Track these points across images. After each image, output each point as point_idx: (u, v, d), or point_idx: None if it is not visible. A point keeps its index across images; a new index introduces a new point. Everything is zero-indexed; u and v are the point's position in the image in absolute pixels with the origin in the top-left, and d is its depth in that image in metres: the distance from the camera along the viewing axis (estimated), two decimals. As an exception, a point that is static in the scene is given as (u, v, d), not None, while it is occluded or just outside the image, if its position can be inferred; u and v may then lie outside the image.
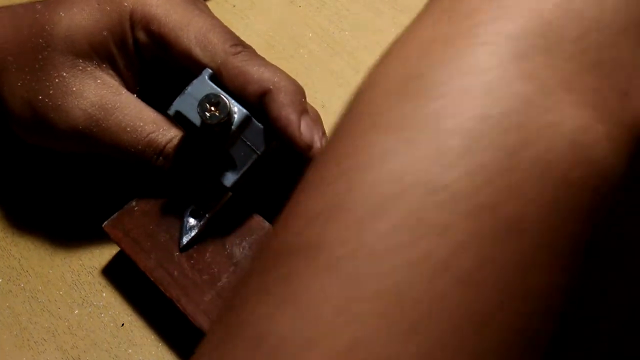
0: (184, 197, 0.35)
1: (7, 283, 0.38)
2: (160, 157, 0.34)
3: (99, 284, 0.37)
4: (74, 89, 0.33)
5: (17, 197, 0.41)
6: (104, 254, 0.38)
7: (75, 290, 0.37)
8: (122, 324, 0.35)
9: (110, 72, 0.34)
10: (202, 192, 0.34)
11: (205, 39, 0.32)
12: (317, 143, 0.31)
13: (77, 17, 0.33)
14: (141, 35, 0.33)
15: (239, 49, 0.32)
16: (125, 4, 0.33)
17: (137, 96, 0.35)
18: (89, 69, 0.33)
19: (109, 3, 0.33)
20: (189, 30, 0.33)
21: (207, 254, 0.33)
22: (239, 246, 0.33)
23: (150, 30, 0.33)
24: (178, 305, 0.32)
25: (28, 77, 0.33)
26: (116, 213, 0.35)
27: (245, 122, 0.31)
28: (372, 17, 0.50)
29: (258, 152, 0.32)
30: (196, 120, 0.31)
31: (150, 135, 0.33)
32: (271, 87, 0.31)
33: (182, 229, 0.34)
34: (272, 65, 0.32)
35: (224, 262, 0.33)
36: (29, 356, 0.35)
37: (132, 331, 0.35)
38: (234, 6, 0.53)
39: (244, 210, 0.35)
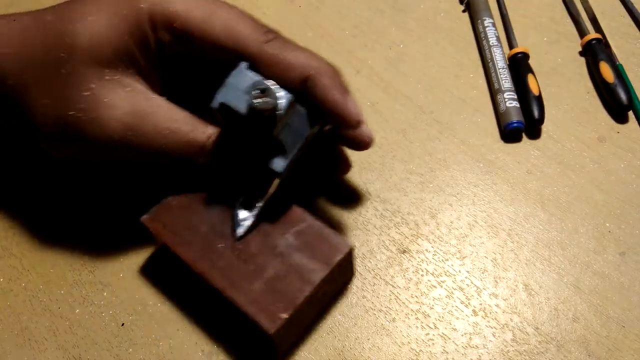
0: (228, 189, 0.35)
1: (8, 282, 0.38)
2: (204, 154, 0.33)
3: (99, 283, 0.37)
4: (105, 100, 0.32)
5: (18, 196, 0.41)
6: (104, 253, 0.38)
7: (76, 290, 0.37)
8: (122, 324, 0.35)
9: (137, 77, 0.33)
10: (250, 182, 0.34)
11: (234, 30, 0.32)
12: (363, 117, 0.33)
13: (95, 25, 0.32)
14: (164, 35, 0.33)
15: (271, 36, 0.32)
16: (142, 5, 0.32)
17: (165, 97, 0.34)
18: (116, 77, 0.32)
19: (125, 7, 0.32)
20: (214, 23, 0.32)
21: (252, 245, 0.33)
22: (283, 237, 0.33)
23: (173, 28, 0.32)
24: (225, 295, 0.31)
25: (54, 94, 0.32)
26: (153, 208, 0.35)
27: (291, 106, 0.31)
28: (373, 16, 0.50)
29: (304, 135, 0.33)
30: (242, 109, 0.31)
31: (190, 134, 0.33)
32: (312, 72, 0.31)
33: (234, 221, 0.33)
34: (305, 50, 0.33)
35: (269, 253, 0.33)
36: (30, 355, 0.35)
37: (132, 330, 0.35)
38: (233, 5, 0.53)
39: (284, 200, 0.35)
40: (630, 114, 0.43)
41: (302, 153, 0.33)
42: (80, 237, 0.39)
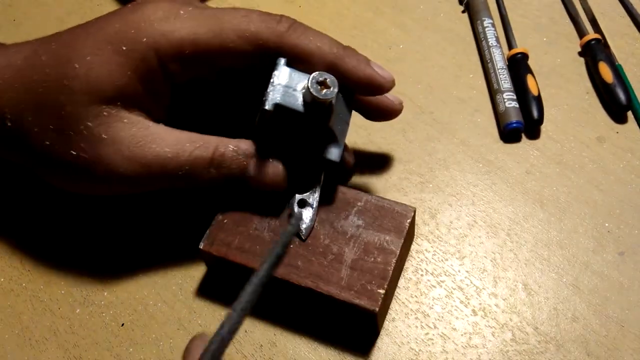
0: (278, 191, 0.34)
1: (9, 282, 0.38)
2: (212, 169, 0.33)
3: (100, 283, 0.37)
4: (105, 137, 0.31)
5: (18, 196, 0.41)
6: (104, 253, 0.38)
7: (77, 290, 0.37)
8: (123, 324, 0.36)
9: (134, 108, 0.33)
10: (302, 177, 0.34)
11: (248, 32, 0.32)
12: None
13: (94, 66, 0.31)
14: (174, 67, 0.32)
15: (286, 24, 0.33)
16: (145, 39, 0.31)
17: (167, 123, 0.34)
18: (113, 111, 0.32)
19: (125, 43, 0.31)
20: (226, 34, 0.32)
21: (321, 237, 0.33)
22: (347, 220, 0.34)
23: (184, 55, 0.32)
24: (318, 290, 0.32)
25: (55, 135, 0.32)
26: (207, 230, 0.34)
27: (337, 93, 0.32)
28: (372, 16, 0.50)
29: (347, 119, 0.34)
30: (298, 106, 0.31)
31: (194, 152, 0.32)
32: (335, 57, 0.32)
33: (295, 220, 0.33)
34: (323, 35, 0.33)
35: (341, 239, 0.33)
36: (31, 355, 0.35)
37: (133, 330, 0.35)
38: (233, 7, 0.53)
39: (330, 185, 0.35)
40: (630, 114, 0.43)
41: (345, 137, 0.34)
42: (81, 237, 0.39)
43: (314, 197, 0.34)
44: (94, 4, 0.52)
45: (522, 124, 0.41)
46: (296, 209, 0.34)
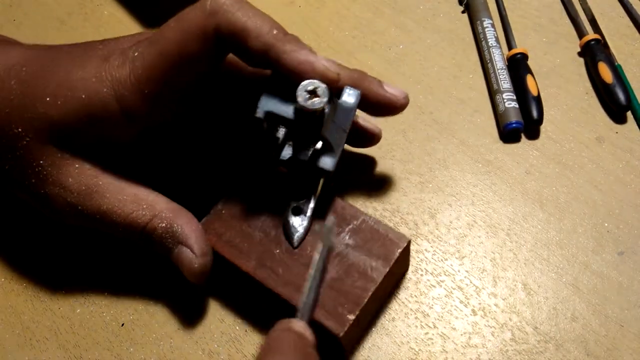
0: (277, 193, 0.35)
1: (10, 282, 0.38)
2: (140, 240, 0.33)
3: (100, 283, 0.37)
4: (52, 179, 0.32)
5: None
6: (105, 253, 0.38)
7: (77, 289, 0.37)
8: (123, 324, 0.36)
9: (86, 155, 0.33)
10: (298, 184, 0.34)
11: (183, 32, 0.31)
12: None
13: (53, 110, 0.31)
14: (140, 107, 0.32)
15: (216, 4, 0.30)
16: (104, 90, 0.31)
17: (140, 145, 0.34)
18: (66, 156, 0.32)
19: (86, 92, 0.31)
20: (168, 49, 0.31)
21: (308, 248, 0.33)
22: (338, 237, 0.33)
23: (145, 94, 0.31)
24: (291, 302, 0.31)
25: (12, 164, 0.32)
26: (205, 218, 0.34)
27: (332, 101, 0.31)
28: (372, 17, 0.50)
29: (346, 129, 0.33)
30: (288, 114, 0.31)
31: (130, 216, 0.33)
32: (272, 39, 0.30)
33: (289, 228, 0.33)
34: (261, 13, 0.31)
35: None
36: (31, 355, 0.35)
37: (133, 330, 0.35)
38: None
39: (329, 196, 0.34)
40: (629, 114, 0.43)
41: (343, 146, 0.33)
42: (81, 237, 0.39)
43: (308, 206, 0.34)
44: (95, 4, 0.52)
45: (521, 124, 0.41)
46: (291, 217, 0.34)
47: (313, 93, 0.30)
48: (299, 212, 0.34)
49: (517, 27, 0.48)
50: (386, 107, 0.35)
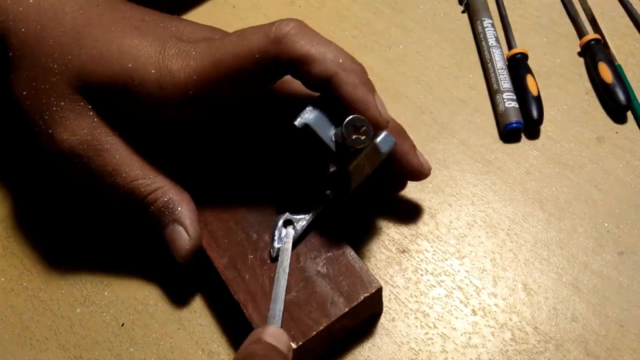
0: (275, 201, 0.35)
1: (9, 282, 0.38)
2: (140, 207, 0.34)
3: (100, 283, 0.37)
4: (67, 122, 0.32)
5: (19, 196, 0.41)
6: (105, 253, 0.38)
7: (77, 289, 0.37)
8: (123, 324, 0.36)
9: (109, 118, 0.33)
10: (299, 202, 0.34)
11: (242, 52, 0.31)
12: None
13: (92, 60, 0.32)
14: (178, 108, 0.32)
15: (281, 30, 0.30)
16: (153, 71, 0.31)
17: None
18: (87, 108, 0.33)
19: (133, 65, 0.32)
20: (224, 63, 0.31)
21: (283, 264, 0.33)
22: (313, 261, 0.33)
23: (187, 96, 0.32)
24: (244, 310, 0.31)
25: (33, 92, 0.32)
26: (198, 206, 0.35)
27: (372, 145, 0.31)
28: (372, 17, 0.50)
29: (370, 171, 0.33)
30: (326, 137, 0.31)
31: (134, 182, 0.33)
32: (337, 68, 0.30)
33: (274, 236, 0.33)
34: (326, 40, 0.31)
35: (296, 274, 0.32)
36: (31, 355, 0.35)
37: (133, 330, 0.35)
38: (234, 7, 0.53)
39: (323, 222, 0.34)
40: (629, 114, 0.43)
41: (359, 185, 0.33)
42: (81, 236, 0.39)
43: (300, 224, 0.34)
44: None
45: (521, 124, 0.41)
46: (279, 228, 0.34)
47: (358, 130, 0.30)
48: (288, 224, 0.34)
49: (517, 27, 0.48)
50: (409, 171, 0.35)
